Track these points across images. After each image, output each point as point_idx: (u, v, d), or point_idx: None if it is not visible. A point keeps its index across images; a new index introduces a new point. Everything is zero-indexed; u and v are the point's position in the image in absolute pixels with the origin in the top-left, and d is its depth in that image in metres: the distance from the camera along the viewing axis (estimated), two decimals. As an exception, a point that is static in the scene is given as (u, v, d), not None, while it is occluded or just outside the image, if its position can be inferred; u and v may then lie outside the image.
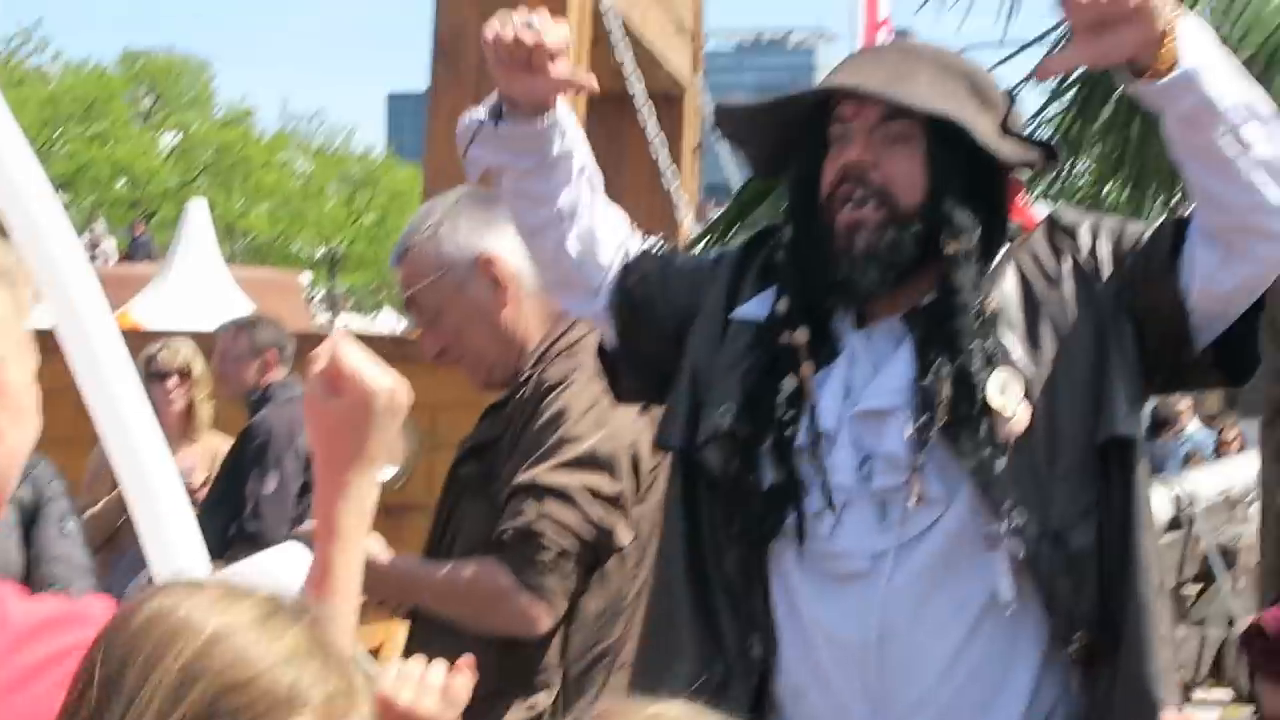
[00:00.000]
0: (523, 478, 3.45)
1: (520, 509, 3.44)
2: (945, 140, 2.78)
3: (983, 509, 2.73)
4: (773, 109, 2.92)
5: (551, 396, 3.49)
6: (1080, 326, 2.80)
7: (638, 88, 8.32)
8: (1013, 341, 2.79)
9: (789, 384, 2.82)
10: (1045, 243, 2.87)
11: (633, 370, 3.06)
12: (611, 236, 2.99)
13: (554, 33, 2.74)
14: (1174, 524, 9.66)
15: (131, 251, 34.70)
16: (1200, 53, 2.65)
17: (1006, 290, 2.82)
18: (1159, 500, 9.58)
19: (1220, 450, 15.22)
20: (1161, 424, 16.47)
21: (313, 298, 45.17)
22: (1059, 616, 2.74)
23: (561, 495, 3.43)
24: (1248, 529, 9.50)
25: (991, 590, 2.75)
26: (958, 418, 2.73)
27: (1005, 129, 2.83)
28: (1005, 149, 2.81)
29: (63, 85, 54.55)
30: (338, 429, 2.05)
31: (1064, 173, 6.81)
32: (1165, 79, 2.64)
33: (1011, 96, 2.89)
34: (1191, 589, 10.23)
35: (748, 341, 2.88)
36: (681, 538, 2.89)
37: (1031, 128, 7.95)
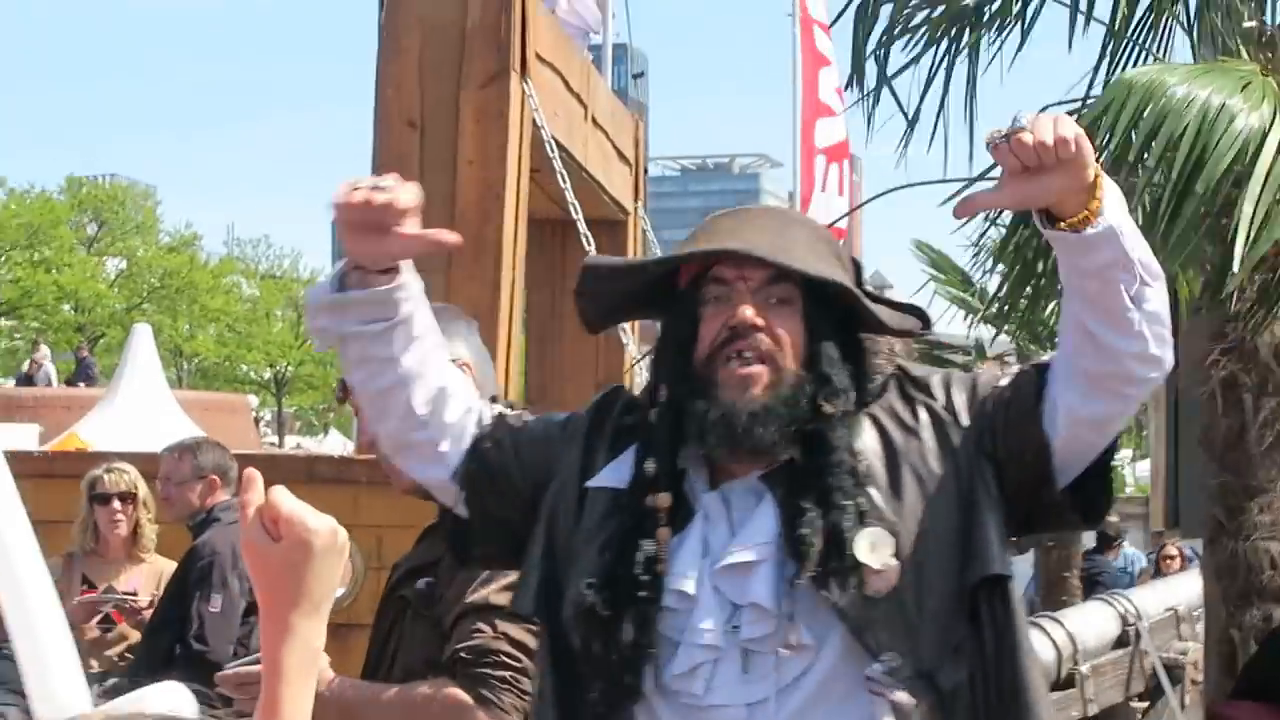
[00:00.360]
0: (473, 598, 3.44)
1: (474, 629, 3.42)
2: (818, 303, 2.84)
3: (855, 653, 2.75)
4: (634, 270, 2.94)
5: (493, 518, 3.48)
6: (943, 474, 2.83)
7: (578, 215, 8.35)
8: (876, 495, 2.81)
9: (648, 548, 2.82)
10: (898, 396, 2.91)
11: (486, 536, 3.04)
12: (458, 397, 2.97)
13: (405, 193, 2.72)
14: (1120, 641, 9.67)
15: (76, 375, 34.58)
16: (1119, 209, 2.70)
17: (866, 443, 2.85)
18: (1106, 617, 9.60)
19: (1161, 567, 15.28)
20: (1106, 542, 16.59)
21: (260, 420, 44.99)
22: None
23: (514, 614, 3.41)
24: (1194, 646, 9.52)
25: None
26: (828, 570, 2.75)
27: (869, 295, 2.87)
28: (894, 318, 2.87)
29: (6, 211, 54.29)
30: (279, 573, 2.01)
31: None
32: (1090, 230, 2.68)
33: (858, 265, 2.93)
34: (1138, 705, 10.24)
35: (605, 509, 2.89)
36: (551, 693, 2.91)
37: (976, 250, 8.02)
